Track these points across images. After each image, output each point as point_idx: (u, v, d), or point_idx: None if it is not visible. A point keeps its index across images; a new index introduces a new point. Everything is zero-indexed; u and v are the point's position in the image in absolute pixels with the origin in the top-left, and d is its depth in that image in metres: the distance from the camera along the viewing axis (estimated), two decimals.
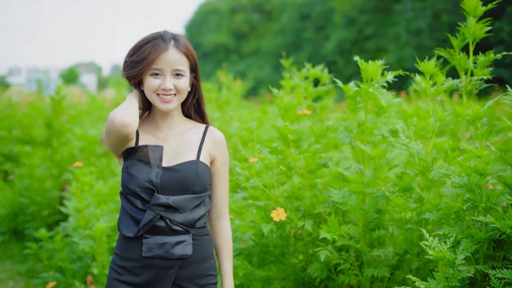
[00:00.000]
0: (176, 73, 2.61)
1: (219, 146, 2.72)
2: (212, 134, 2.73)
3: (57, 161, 7.30)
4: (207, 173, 2.64)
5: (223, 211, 2.78)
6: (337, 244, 3.28)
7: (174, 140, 2.68)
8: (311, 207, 3.54)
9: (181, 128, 2.73)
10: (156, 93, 2.60)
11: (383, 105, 3.49)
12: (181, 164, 2.59)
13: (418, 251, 3.23)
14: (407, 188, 3.20)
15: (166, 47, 2.59)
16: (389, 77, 3.46)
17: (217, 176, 2.73)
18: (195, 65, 2.71)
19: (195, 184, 2.58)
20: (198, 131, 2.73)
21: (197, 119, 2.81)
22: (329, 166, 3.61)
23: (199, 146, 2.67)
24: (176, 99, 2.62)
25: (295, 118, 3.68)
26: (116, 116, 2.47)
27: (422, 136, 3.18)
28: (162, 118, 2.70)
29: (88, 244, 4.48)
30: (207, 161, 2.66)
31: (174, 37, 2.64)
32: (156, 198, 2.52)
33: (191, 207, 2.58)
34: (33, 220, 7.03)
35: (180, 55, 2.61)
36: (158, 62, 2.58)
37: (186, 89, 2.64)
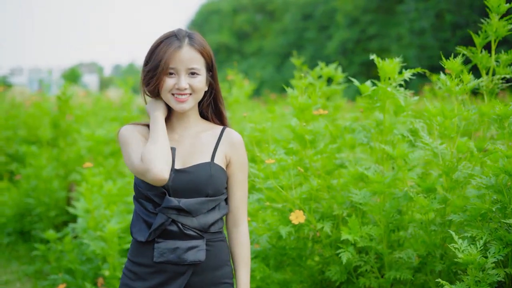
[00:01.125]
0: (191, 72, 2.51)
1: (236, 148, 2.60)
2: (228, 135, 2.60)
3: (64, 161, 7.22)
4: (222, 175, 2.53)
5: (241, 217, 2.64)
6: (358, 246, 3.20)
7: (189, 141, 2.58)
8: (329, 208, 3.46)
9: (196, 129, 2.62)
10: (171, 93, 2.52)
11: (401, 104, 3.42)
12: (194, 166, 2.49)
13: (441, 253, 3.15)
14: (430, 189, 3.12)
15: (179, 45, 2.51)
16: (407, 75, 3.39)
17: (234, 179, 2.60)
18: (211, 63, 2.61)
19: (208, 187, 2.47)
20: (214, 132, 2.62)
21: (214, 121, 2.69)
22: (347, 166, 3.54)
23: (214, 148, 2.56)
24: (191, 99, 2.53)
25: (310, 118, 3.60)
26: (155, 169, 2.36)
27: (446, 135, 3.10)
28: (177, 119, 2.62)
29: (99, 246, 4.41)
30: (222, 163, 2.55)
31: (189, 35, 2.55)
32: (168, 201, 2.43)
33: (204, 211, 2.48)
34: (40, 221, 6.95)
35: (194, 53, 2.52)
36: (172, 61, 2.49)
37: (202, 88, 2.55)
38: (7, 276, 5.98)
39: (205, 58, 2.55)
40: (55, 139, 7.94)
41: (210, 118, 2.69)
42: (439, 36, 21.20)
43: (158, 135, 2.46)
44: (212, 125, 2.67)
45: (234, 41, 39.70)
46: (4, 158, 9.01)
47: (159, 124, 2.50)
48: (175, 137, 2.59)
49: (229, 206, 2.63)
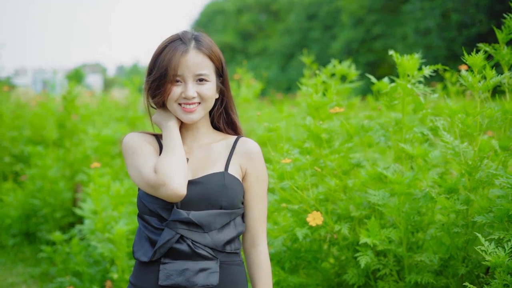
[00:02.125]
0: (199, 78, 2.28)
1: (253, 158, 2.34)
2: (243, 145, 2.36)
3: (69, 161, 7.13)
4: (237, 187, 2.28)
5: (260, 236, 2.37)
6: (378, 249, 3.10)
7: (200, 152, 2.35)
8: (346, 210, 3.35)
9: (208, 140, 2.40)
10: (177, 103, 2.29)
11: (421, 101, 3.31)
12: (206, 176, 2.26)
13: (464, 255, 3.04)
14: (452, 189, 3.00)
15: (185, 49, 2.27)
16: (427, 72, 3.29)
17: (251, 193, 2.34)
18: (221, 68, 2.38)
19: (222, 198, 2.22)
20: (227, 142, 2.39)
21: (227, 131, 2.47)
22: (365, 166, 3.43)
23: (228, 158, 2.32)
24: (200, 109, 2.30)
25: (326, 117, 3.49)
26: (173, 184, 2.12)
27: (468, 134, 2.99)
28: (187, 130, 2.39)
29: (107, 248, 4.31)
30: (237, 174, 2.31)
31: (195, 37, 2.32)
32: (176, 214, 2.17)
33: (217, 226, 2.22)
34: (46, 222, 6.86)
35: (202, 58, 2.29)
36: (178, 68, 2.26)
37: (212, 96, 2.32)
38: (12, 278, 5.89)
39: (214, 63, 2.33)
40: (61, 139, 7.85)
41: (222, 128, 2.47)
42: (444, 35, 21.08)
43: (175, 145, 2.23)
44: (225, 136, 2.44)
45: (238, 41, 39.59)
46: (9, 158, 8.91)
47: (174, 134, 2.27)
48: (185, 149, 2.36)
49: (246, 223, 2.37)
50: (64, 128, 7.60)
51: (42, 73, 45.86)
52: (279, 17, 38.56)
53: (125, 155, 2.30)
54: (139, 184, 2.21)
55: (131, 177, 2.26)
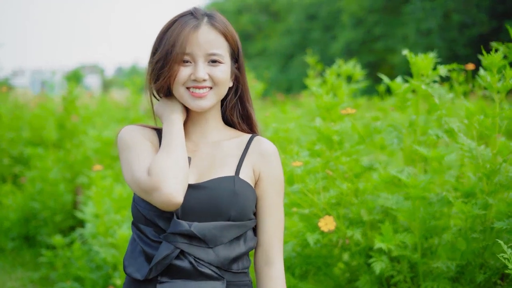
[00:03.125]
0: (211, 59, 1.97)
1: (268, 161, 2.02)
2: (258, 145, 2.05)
3: (70, 163, 7.01)
4: (249, 194, 1.96)
5: (274, 252, 2.04)
6: (393, 255, 2.99)
7: (208, 151, 2.04)
8: (358, 214, 3.24)
9: (218, 137, 2.08)
10: (185, 87, 1.97)
11: (435, 102, 3.21)
12: (213, 180, 1.94)
13: (481, 262, 2.93)
14: (470, 193, 2.90)
15: (196, 24, 1.97)
16: (442, 72, 3.18)
17: (265, 201, 2.02)
18: (237, 51, 2.06)
19: (231, 207, 1.91)
20: (241, 141, 2.07)
21: (241, 127, 2.14)
22: (377, 169, 3.32)
23: (240, 159, 2.01)
24: (212, 94, 1.98)
25: (337, 118, 3.39)
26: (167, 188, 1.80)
27: (486, 135, 2.89)
28: (194, 123, 2.08)
29: (110, 253, 4.20)
30: (249, 179, 2.00)
31: (209, 14, 2.03)
32: (176, 225, 1.87)
33: (225, 240, 1.91)
34: (46, 226, 6.74)
35: (215, 35, 1.99)
36: (187, 45, 1.94)
37: (226, 80, 2.00)
38: (11, 283, 5.77)
39: (229, 43, 2.02)
40: (61, 141, 7.74)
41: (236, 123, 2.14)
42: (446, 36, 21.01)
43: (175, 143, 1.91)
44: (239, 133, 2.12)
45: None
46: (8, 160, 8.80)
47: (176, 130, 1.95)
48: (190, 146, 2.05)
49: (259, 237, 2.05)
50: (64, 129, 7.49)
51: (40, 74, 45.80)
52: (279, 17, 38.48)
53: (120, 151, 2.00)
54: (131, 186, 1.92)
55: (124, 177, 1.97)
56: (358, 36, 29.97)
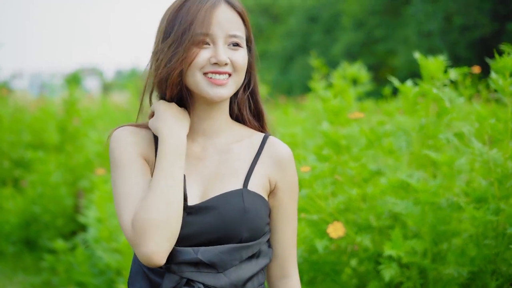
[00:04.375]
0: (232, 42, 1.75)
1: (286, 169, 1.81)
2: (273, 148, 1.82)
3: (71, 167, 6.95)
4: (261, 209, 1.74)
5: (290, 265, 1.88)
6: (403, 262, 2.93)
7: (216, 158, 1.79)
8: (366, 220, 3.19)
9: (227, 137, 1.83)
10: (202, 72, 1.71)
11: (446, 106, 3.16)
12: (218, 197, 1.70)
13: (493, 268, 2.88)
14: (481, 198, 2.84)
15: (215, 2, 1.74)
16: (453, 75, 3.14)
17: (282, 211, 1.82)
18: (251, 38, 1.86)
19: (242, 229, 1.70)
20: (252, 142, 1.83)
21: (251, 124, 1.90)
22: (386, 173, 3.27)
23: (251, 166, 1.78)
24: (232, 82, 1.75)
25: (345, 122, 3.34)
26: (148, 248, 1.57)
27: (498, 140, 2.84)
28: (200, 120, 1.80)
29: (113, 258, 4.15)
30: (262, 189, 1.77)
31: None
32: (179, 254, 1.66)
33: (236, 262, 1.71)
34: (47, 230, 6.68)
35: (235, 15, 1.77)
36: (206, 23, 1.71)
37: (245, 67, 1.78)
38: (12, 287, 5.72)
39: (246, 27, 1.82)
40: (62, 144, 7.68)
41: (246, 120, 1.89)
42: (447, 38, 20.98)
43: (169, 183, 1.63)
44: (249, 131, 1.88)
45: None
46: (8, 163, 8.74)
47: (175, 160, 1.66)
48: (196, 150, 1.80)
49: (274, 249, 1.86)
50: (66, 132, 7.43)
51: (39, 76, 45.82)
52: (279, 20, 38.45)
53: (110, 165, 1.76)
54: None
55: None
56: (358, 38, 29.91)
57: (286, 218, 1.85)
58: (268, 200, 1.82)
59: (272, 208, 1.83)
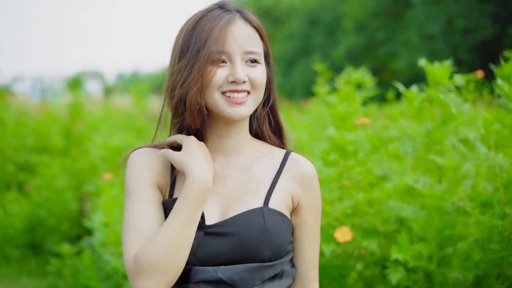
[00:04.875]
0: (250, 58, 1.69)
1: (309, 186, 1.76)
2: (296, 165, 1.78)
3: (76, 171, 6.98)
4: (282, 228, 1.69)
5: (313, 283, 1.83)
6: (409, 266, 2.96)
7: (238, 177, 1.75)
8: (372, 224, 3.22)
9: (248, 155, 1.79)
10: (220, 91, 1.67)
11: (452, 112, 3.19)
12: (237, 217, 1.66)
13: (498, 272, 2.91)
14: (487, 203, 2.88)
15: (230, 18, 1.69)
16: (458, 81, 3.17)
17: (305, 230, 1.78)
18: (269, 53, 1.80)
19: (264, 248, 1.64)
20: (273, 159, 1.79)
21: (272, 141, 1.85)
22: (391, 178, 3.30)
23: (272, 183, 1.73)
24: (251, 100, 1.70)
25: (352, 128, 3.37)
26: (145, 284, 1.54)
27: (503, 145, 2.87)
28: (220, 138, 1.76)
29: (120, 262, 4.17)
30: (284, 207, 1.73)
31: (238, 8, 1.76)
32: (198, 273, 1.63)
33: (258, 282, 1.66)
34: (52, 234, 6.70)
35: (251, 30, 1.72)
36: (221, 40, 1.66)
37: (264, 83, 1.72)
38: None
39: (264, 42, 1.75)
40: (66, 148, 7.71)
41: (266, 137, 1.85)
42: (449, 41, 21.00)
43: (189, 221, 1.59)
44: (270, 148, 1.83)
45: None
46: (12, 167, 8.77)
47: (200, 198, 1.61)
48: (217, 170, 1.75)
49: (297, 268, 1.82)
50: (70, 136, 7.46)
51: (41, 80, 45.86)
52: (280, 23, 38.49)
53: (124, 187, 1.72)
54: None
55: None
56: (360, 41, 29.94)
57: (310, 236, 1.80)
58: (291, 218, 1.77)
59: (295, 227, 1.78)
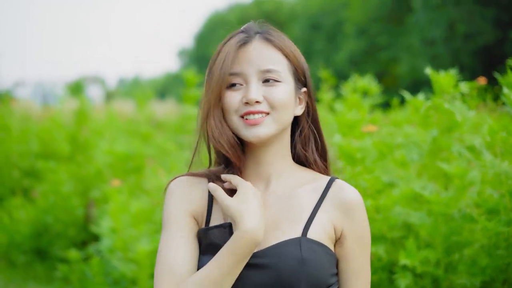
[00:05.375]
0: (266, 77, 1.63)
1: (354, 215, 1.65)
2: (340, 192, 1.67)
3: (82, 177, 7.02)
4: (322, 259, 1.60)
5: None
6: (417, 272, 3.01)
7: (277, 204, 1.67)
8: (380, 230, 3.27)
9: (290, 180, 1.70)
10: (238, 115, 1.63)
11: (457, 119, 3.23)
12: (275, 247, 1.59)
13: (504, 278, 2.95)
14: (493, 210, 2.92)
15: (247, 40, 1.67)
16: (463, 89, 3.22)
17: (351, 262, 1.65)
18: (302, 71, 1.71)
19: (300, 280, 1.56)
20: (316, 186, 1.69)
21: (317, 166, 1.76)
22: (398, 185, 3.34)
23: (312, 212, 1.64)
24: (270, 121, 1.62)
25: (359, 135, 3.41)
26: None
27: (510, 152, 2.91)
28: (257, 166, 1.70)
29: (128, 268, 4.22)
30: (325, 237, 1.63)
31: (261, 30, 1.72)
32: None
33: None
34: (58, 240, 6.74)
35: (270, 49, 1.66)
36: (235, 63, 1.64)
37: (287, 103, 1.64)
38: None
39: (290, 60, 1.68)
40: (72, 154, 7.75)
41: (311, 162, 1.75)
42: (450, 46, 21.06)
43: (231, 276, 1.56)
44: (314, 174, 1.74)
45: None
46: (18, 173, 8.80)
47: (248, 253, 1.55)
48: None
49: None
50: (76, 142, 7.50)
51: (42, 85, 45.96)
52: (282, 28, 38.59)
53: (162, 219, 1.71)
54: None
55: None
56: (361, 46, 29.99)
57: (356, 270, 1.66)
58: (335, 249, 1.67)
59: (339, 258, 1.67)
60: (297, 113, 1.72)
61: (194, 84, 5.01)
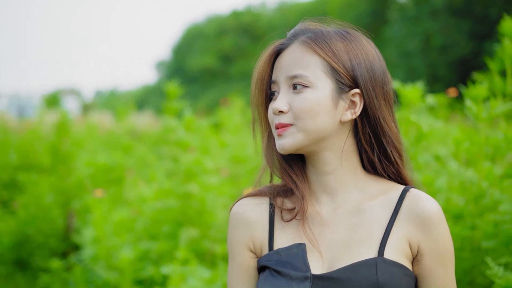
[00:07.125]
0: (294, 84, 1.50)
1: (431, 228, 1.48)
2: (413, 204, 1.50)
3: (63, 189, 7.10)
4: (401, 281, 1.44)
5: None
6: None
7: (346, 219, 1.53)
8: None
9: (359, 195, 1.55)
10: (274, 127, 1.53)
11: (423, 130, 3.42)
12: (347, 268, 1.45)
13: (470, 280, 3.13)
14: (459, 215, 3.11)
15: (283, 45, 1.58)
16: (430, 101, 3.40)
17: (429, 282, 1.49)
18: (347, 70, 1.51)
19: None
20: (389, 198, 1.53)
21: (389, 175, 1.59)
22: None
23: (386, 229, 1.49)
24: (295, 131, 1.48)
25: None
26: None
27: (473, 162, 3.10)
28: (318, 176, 1.56)
29: (112, 275, 4.33)
30: (402, 256, 1.48)
31: (302, 31, 1.61)
32: None
33: None
34: (39, 250, 6.81)
35: (303, 51, 1.52)
36: (267, 70, 1.59)
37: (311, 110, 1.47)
38: None
39: (327, 60, 1.50)
40: (53, 165, 7.82)
41: (380, 168, 1.57)
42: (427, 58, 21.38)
43: None
44: (387, 184, 1.57)
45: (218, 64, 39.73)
46: None
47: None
48: (322, 213, 1.55)
49: None
50: (57, 154, 7.57)
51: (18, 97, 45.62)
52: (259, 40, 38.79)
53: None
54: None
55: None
56: None
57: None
58: (412, 268, 1.52)
59: (418, 278, 1.52)
60: (345, 119, 1.52)
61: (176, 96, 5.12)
